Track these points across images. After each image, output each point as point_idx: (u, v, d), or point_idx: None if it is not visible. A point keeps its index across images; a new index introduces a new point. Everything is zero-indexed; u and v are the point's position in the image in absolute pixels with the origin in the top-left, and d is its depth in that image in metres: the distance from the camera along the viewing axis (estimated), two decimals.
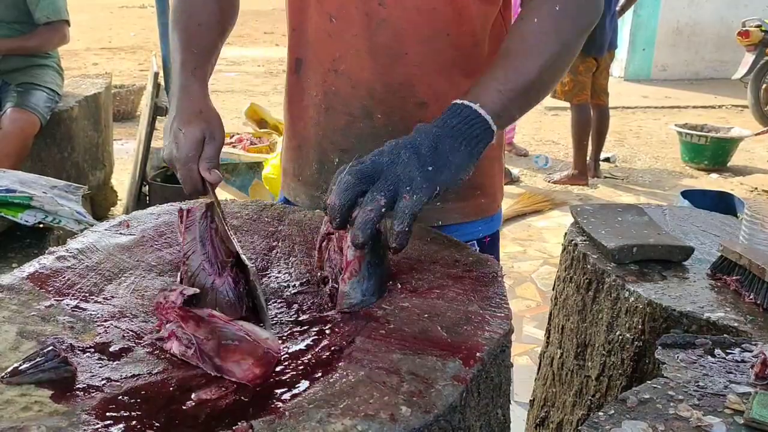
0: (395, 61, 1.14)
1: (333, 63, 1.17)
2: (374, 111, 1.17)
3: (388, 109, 1.17)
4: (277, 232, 1.10)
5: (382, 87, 1.16)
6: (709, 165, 5.60)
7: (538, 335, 2.87)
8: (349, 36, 1.14)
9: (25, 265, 0.95)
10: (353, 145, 1.20)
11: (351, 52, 1.15)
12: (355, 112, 1.18)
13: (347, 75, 1.17)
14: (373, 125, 1.18)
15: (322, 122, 1.22)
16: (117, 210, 4.10)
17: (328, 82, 1.19)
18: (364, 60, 1.15)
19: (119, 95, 6.38)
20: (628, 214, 1.45)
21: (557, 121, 7.01)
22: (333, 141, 1.22)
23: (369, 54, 1.14)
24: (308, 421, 0.62)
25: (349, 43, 1.14)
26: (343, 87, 1.18)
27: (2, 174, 2.04)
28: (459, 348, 0.75)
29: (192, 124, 1.04)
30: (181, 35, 1.16)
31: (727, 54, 8.96)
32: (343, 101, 1.18)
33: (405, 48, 1.13)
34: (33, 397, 0.67)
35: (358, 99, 1.17)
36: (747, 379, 0.87)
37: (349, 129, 1.19)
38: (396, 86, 1.16)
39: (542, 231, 4.20)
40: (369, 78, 1.15)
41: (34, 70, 3.41)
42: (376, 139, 1.16)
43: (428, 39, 1.13)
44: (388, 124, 1.17)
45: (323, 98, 1.20)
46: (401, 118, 1.17)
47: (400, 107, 1.17)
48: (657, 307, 1.13)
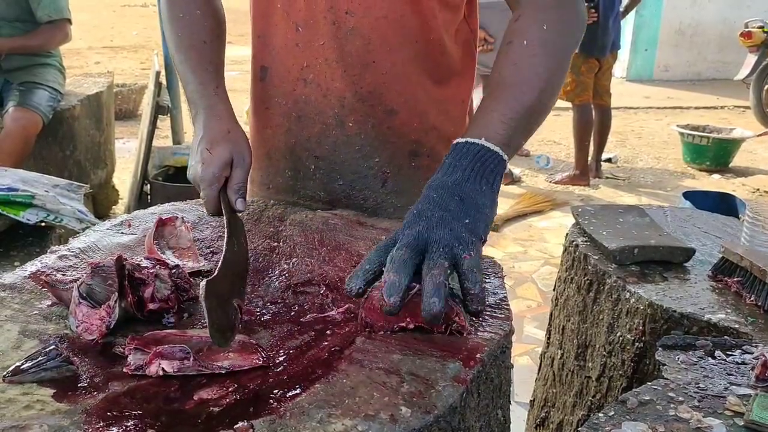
0: (364, 70, 1.14)
1: (301, 72, 1.17)
2: (346, 120, 1.18)
3: (359, 118, 1.17)
4: (278, 232, 1.11)
5: (352, 95, 1.16)
6: (711, 166, 5.59)
7: (538, 335, 2.87)
8: (317, 45, 1.14)
9: (27, 264, 0.96)
10: (328, 152, 1.20)
11: (319, 60, 1.15)
12: (328, 121, 1.18)
13: (317, 83, 1.17)
14: (346, 133, 1.18)
15: (294, 130, 1.22)
16: (118, 209, 4.10)
17: (297, 91, 1.19)
18: (335, 69, 1.15)
19: (121, 94, 6.38)
20: (630, 215, 1.45)
21: (559, 121, 7.01)
22: (307, 148, 1.22)
23: (338, 63, 1.14)
24: (309, 421, 0.62)
25: (318, 52, 1.15)
26: (313, 96, 1.18)
27: (4, 173, 2.05)
28: (459, 349, 0.75)
29: (220, 144, 1.04)
30: (191, 53, 1.14)
31: (730, 55, 8.95)
32: (315, 110, 1.19)
33: (373, 56, 1.14)
34: (35, 395, 0.67)
35: (330, 107, 1.17)
36: (747, 381, 0.87)
37: (323, 137, 1.20)
38: (365, 94, 1.16)
39: (543, 231, 4.20)
40: (339, 87, 1.16)
41: (36, 69, 3.41)
42: (349, 147, 1.19)
43: (396, 47, 1.14)
44: (360, 132, 1.18)
45: (293, 106, 1.20)
46: (372, 126, 1.18)
47: (371, 115, 1.17)
48: (658, 308, 1.13)
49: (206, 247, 1.06)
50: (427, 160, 1.21)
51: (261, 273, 0.97)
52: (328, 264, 0.99)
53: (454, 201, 0.84)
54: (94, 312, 0.78)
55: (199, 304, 0.87)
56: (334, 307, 0.87)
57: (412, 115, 1.19)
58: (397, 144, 1.20)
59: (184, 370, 0.71)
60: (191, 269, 0.95)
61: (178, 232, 1.04)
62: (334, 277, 0.95)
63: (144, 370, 0.71)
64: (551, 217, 4.46)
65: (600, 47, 4.80)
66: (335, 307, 0.87)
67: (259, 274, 0.97)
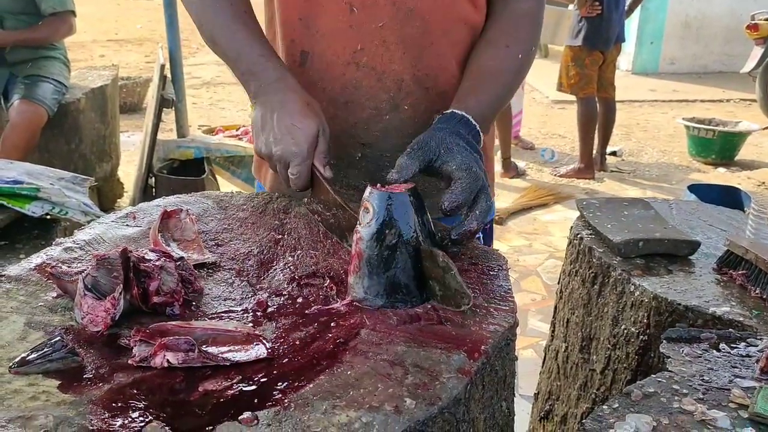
0: (422, 52, 1.14)
1: (353, 55, 1.14)
2: (401, 103, 1.16)
3: (414, 101, 1.17)
4: (282, 224, 1.11)
5: (410, 78, 1.15)
6: (716, 159, 5.57)
7: (543, 328, 2.87)
8: (374, 27, 1.12)
9: (33, 256, 0.96)
10: (377, 139, 1.18)
11: (375, 43, 1.13)
12: (381, 105, 1.16)
13: (371, 66, 1.14)
14: (400, 117, 1.17)
15: (340, 116, 1.18)
16: (123, 202, 4.12)
17: (347, 76, 1.16)
18: (393, 52, 1.13)
19: (126, 87, 6.39)
20: (635, 208, 1.45)
21: (564, 114, 6.99)
22: (353, 135, 1.19)
23: (398, 45, 1.13)
24: (313, 413, 0.63)
25: (374, 35, 1.12)
26: (366, 80, 1.15)
27: (10, 165, 2.05)
28: (464, 341, 0.75)
29: (308, 117, 1.04)
30: (238, 26, 1.12)
31: (736, 47, 8.89)
32: (366, 94, 1.16)
33: (431, 38, 1.14)
34: (41, 386, 0.67)
35: (385, 91, 1.15)
36: (752, 373, 0.87)
37: (372, 122, 1.18)
38: (422, 77, 1.16)
39: (548, 224, 4.19)
40: (397, 70, 1.14)
41: (41, 62, 3.42)
42: (401, 132, 1.17)
43: (450, 29, 1.15)
44: (414, 115, 1.17)
45: (341, 92, 1.17)
46: (426, 109, 1.17)
47: (426, 98, 1.17)
48: (662, 301, 1.13)
49: (211, 239, 1.06)
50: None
51: (266, 265, 0.98)
52: (332, 256, 0.99)
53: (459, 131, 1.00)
54: (99, 304, 0.78)
55: (203, 296, 0.88)
56: (339, 299, 0.87)
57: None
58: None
59: (189, 362, 0.72)
60: (196, 261, 0.96)
61: (183, 225, 1.04)
62: (339, 269, 0.95)
63: (149, 362, 0.71)
64: (556, 211, 4.45)
65: (604, 40, 4.78)
66: (340, 299, 0.87)
67: (263, 266, 0.97)
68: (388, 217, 0.83)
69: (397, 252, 0.84)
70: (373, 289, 0.84)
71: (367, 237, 0.84)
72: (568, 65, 4.91)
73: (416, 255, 0.85)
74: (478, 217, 0.93)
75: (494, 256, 0.99)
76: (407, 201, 0.85)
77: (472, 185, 0.93)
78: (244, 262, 0.98)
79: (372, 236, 0.83)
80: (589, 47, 4.75)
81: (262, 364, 0.72)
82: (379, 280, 0.84)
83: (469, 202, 0.93)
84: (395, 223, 0.83)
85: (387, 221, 0.83)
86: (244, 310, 0.85)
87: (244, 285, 0.92)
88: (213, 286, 0.91)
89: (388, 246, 0.83)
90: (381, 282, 0.84)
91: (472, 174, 0.94)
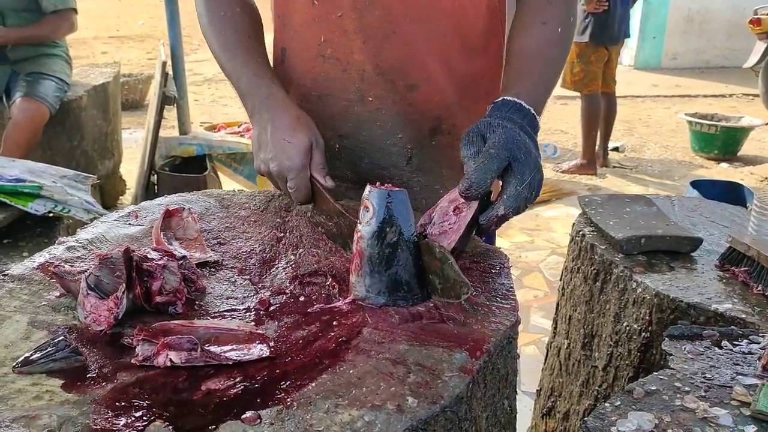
0: (384, 42, 1.11)
1: (319, 48, 1.15)
2: (366, 94, 1.15)
3: (380, 92, 1.15)
4: (284, 222, 1.11)
5: (372, 69, 1.13)
6: (719, 154, 5.56)
7: (545, 325, 2.87)
8: (335, 18, 1.11)
9: (36, 255, 0.96)
10: (351, 130, 1.18)
11: (337, 33, 1.12)
12: (350, 96, 1.16)
13: (336, 58, 1.14)
14: (367, 109, 1.16)
15: (316, 110, 1.18)
16: (126, 199, 4.12)
17: (316, 69, 1.17)
18: (353, 41, 1.12)
19: (128, 84, 6.39)
20: (637, 205, 1.45)
21: (566, 110, 6.97)
22: (331, 127, 1.19)
23: (357, 34, 1.11)
24: (315, 411, 0.63)
25: (335, 25, 1.12)
26: (333, 71, 1.16)
27: (12, 163, 2.05)
28: (465, 339, 0.75)
29: (298, 131, 1.04)
30: (239, 49, 1.14)
31: (739, 42, 8.87)
32: (336, 86, 1.16)
33: (393, 27, 1.10)
34: (44, 386, 0.68)
35: (351, 82, 1.15)
36: (754, 371, 0.87)
37: (346, 113, 1.18)
38: (386, 68, 1.13)
39: (550, 221, 4.19)
40: (359, 59, 1.13)
41: (43, 59, 3.42)
42: (371, 123, 1.16)
43: (417, 19, 1.10)
44: (381, 107, 1.16)
45: (312, 85, 1.18)
46: (393, 102, 1.15)
47: (392, 90, 1.15)
48: (665, 298, 1.13)
49: (213, 237, 1.06)
50: (448, 137, 1.20)
51: (267, 264, 0.98)
52: (334, 254, 0.99)
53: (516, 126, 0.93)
54: (102, 303, 0.78)
55: (206, 295, 0.88)
56: (341, 297, 0.87)
57: (434, 91, 1.16)
58: (419, 121, 1.18)
59: (192, 361, 0.72)
60: (198, 260, 0.96)
61: (185, 223, 1.04)
62: (341, 267, 0.95)
63: (152, 361, 0.72)
64: (558, 207, 4.45)
65: (610, 36, 4.75)
66: (342, 297, 0.87)
67: (265, 264, 0.98)
68: (387, 215, 0.83)
69: (398, 250, 0.84)
70: (374, 287, 0.84)
71: (367, 235, 0.84)
72: (572, 61, 4.86)
73: (417, 252, 0.85)
74: (506, 201, 0.87)
75: (496, 254, 0.99)
76: (406, 199, 0.85)
77: (490, 163, 0.87)
78: (247, 261, 0.99)
79: (372, 234, 0.83)
80: (595, 44, 4.73)
81: (265, 363, 0.73)
82: (381, 278, 0.84)
83: (486, 183, 0.87)
84: (395, 221, 0.83)
85: (387, 219, 0.83)
86: (247, 309, 0.85)
87: (246, 283, 0.92)
88: (215, 284, 0.91)
89: (389, 244, 0.83)
90: (383, 280, 0.84)
91: (500, 150, 0.88)
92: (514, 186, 0.87)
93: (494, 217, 0.88)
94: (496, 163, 0.87)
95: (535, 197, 0.89)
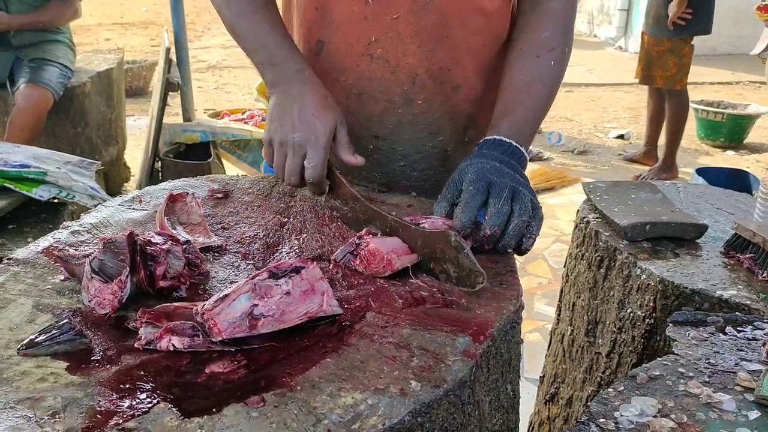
0: (438, 45, 1.12)
1: (367, 47, 1.13)
2: (415, 97, 1.15)
3: (429, 96, 1.15)
4: (288, 207, 1.11)
5: (424, 72, 1.13)
6: (725, 142, 5.53)
7: (549, 312, 2.88)
8: (389, 19, 1.10)
9: (40, 240, 0.96)
10: (390, 132, 1.18)
11: (390, 35, 1.11)
12: (394, 99, 1.15)
13: (385, 59, 1.13)
14: (413, 112, 1.16)
15: (353, 108, 1.17)
16: (130, 186, 4.12)
17: (361, 67, 1.15)
18: (407, 44, 1.11)
19: (131, 71, 6.38)
20: (642, 192, 1.44)
21: (570, 97, 6.94)
22: (367, 128, 1.19)
23: (413, 38, 1.11)
24: (319, 395, 0.63)
25: (389, 26, 1.10)
26: (380, 72, 1.14)
27: (17, 149, 2.06)
28: (469, 324, 0.75)
29: (326, 110, 1.04)
30: (257, 17, 1.11)
31: (746, 29, 8.79)
32: (380, 87, 1.15)
33: (447, 31, 1.11)
34: (49, 368, 0.68)
35: (398, 84, 1.14)
36: (758, 356, 0.87)
37: (386, 115, 1.17)
38: (437, 71, 1.14)
39: (554, 208, 4.18)
40: (411, 63, 1.12)
41: (46, 45, 3.41)
42: (414, 126, 1.16)
43: (467, 21, 1.12)
44: (427, 110, 1.16)
45: (354, 83, 1.16)
46: (440, 104, 1.16)
47: (440, 92, 1.15)
48: (669, 284, 1.13)
49: (217, 222, 1.06)
50: (474, 132, 1.21)
51: (271, 248, 0.98)
52: (338, 239, 0.99)
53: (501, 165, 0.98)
54: (107, 286, 0.78)
55: (210, 280, 0.88)
56: (344, 282, 0.87)
57: (470, 90, 1.18)
58: (457, 120, 1.19)
59: (194, 347, 0.72)
60: (202, 245, 0.96)
61: (189, 208, 1.04)
62: None
63: (155, 345, 0.72)
64: (562, 194, 4.44)
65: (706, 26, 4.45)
66: (345, 282, 0.87)
67: (269, 249, 0.98)
68: None
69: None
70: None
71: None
72: (662, 56, 4.47)
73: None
74: (489, 221, 0.91)
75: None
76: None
77: (472, 200, 0.92)
78: (250, 246, 0.99)
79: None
80: (688, 35, 4.40)
81: (268, 347, 0.73)
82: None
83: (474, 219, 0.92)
84: None
85: None
86: None
87: (250, 268, 0.92)
88: (219, 269, 0.92)
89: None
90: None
91: (477, 183, 0.93)
92: (494, 205, 0.92)
93: (484, 237, 0.91)
94: (478, 197, 0.92)
95: (527, 212, 0.92)
